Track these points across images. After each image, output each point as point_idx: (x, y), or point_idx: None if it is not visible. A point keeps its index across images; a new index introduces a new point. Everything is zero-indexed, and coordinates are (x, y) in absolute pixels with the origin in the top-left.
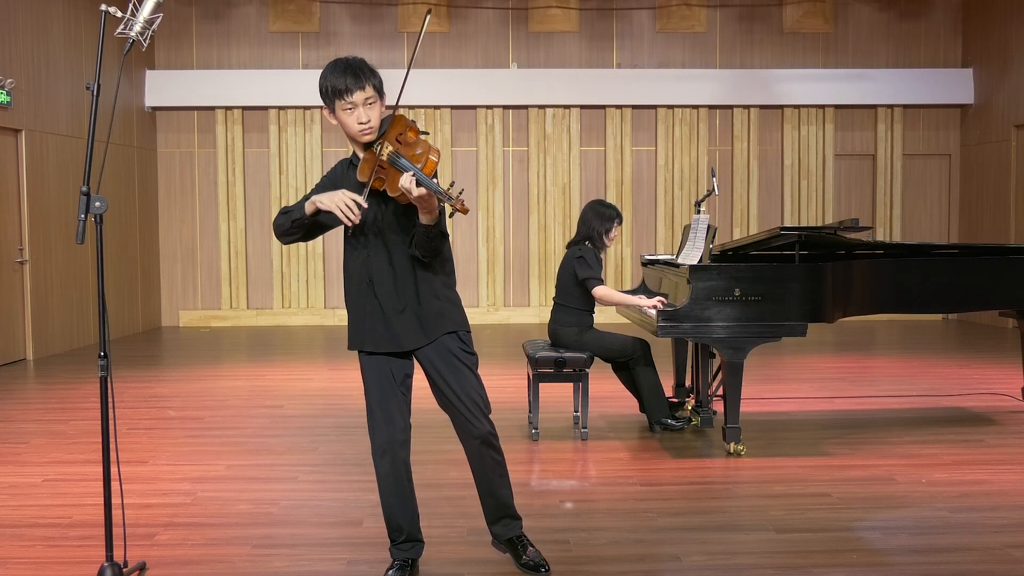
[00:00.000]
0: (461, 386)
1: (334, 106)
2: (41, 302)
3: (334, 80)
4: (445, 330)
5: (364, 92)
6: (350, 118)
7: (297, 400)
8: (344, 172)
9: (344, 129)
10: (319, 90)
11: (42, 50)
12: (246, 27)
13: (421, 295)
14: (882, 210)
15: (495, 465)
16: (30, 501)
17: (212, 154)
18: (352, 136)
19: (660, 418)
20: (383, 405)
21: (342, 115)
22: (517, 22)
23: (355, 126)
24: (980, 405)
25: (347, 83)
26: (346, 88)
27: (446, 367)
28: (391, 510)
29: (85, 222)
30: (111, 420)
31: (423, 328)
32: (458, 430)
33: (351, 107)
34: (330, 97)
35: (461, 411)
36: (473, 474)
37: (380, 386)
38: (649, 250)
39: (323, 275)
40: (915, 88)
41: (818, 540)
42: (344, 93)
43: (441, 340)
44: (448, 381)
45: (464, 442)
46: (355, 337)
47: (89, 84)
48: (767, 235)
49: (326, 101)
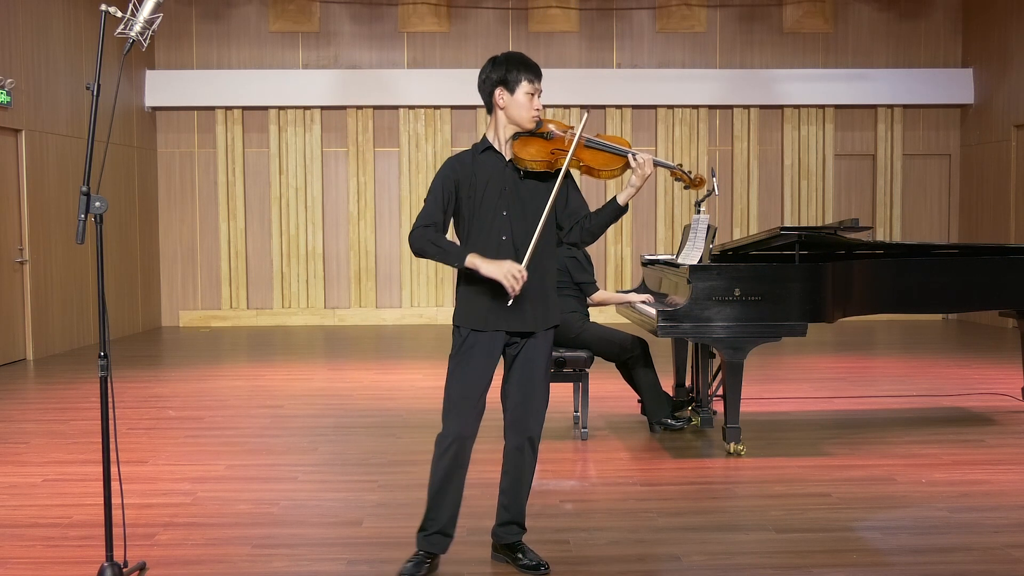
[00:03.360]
0: (540, 380)
1: (516, 88)
2: (41, 302)
3: (525, 67)
4: (555, 322)
5: (540, 86)
6: (531, 101)
7: (297, 400)
8: (475, 158)
9: (513, 111)
10: (499, 72)
11: (42, 50)
12: (246, 27)
13: (547, 284)
14: (882, 210)
15: (530, 468)
16: (30, 501)
17: (212, 154)
18: (520, 120)
19: (660, 418)
20: (478, 395)
21: (523, 98)
22: (517, 22)
23: (532, 111)
24: (980, 405)
25: (536, 73)
26: (536, 75)
27: (540, 359)
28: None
29: (85, 222)
30: (111, 420)
31: (545, 316)
32: (511, 422)
33: (534, 93)
34: (516, 80)
35: (527, 404)
36: (504, 473)
37: (481, 371)
38: (649, 250)
39: (323, 275)
40: (915, 88)
41: (818, 540)
42: (534, 80)
43: (549, 332)
44: (533, 372)
45: (511, 434)
46: (474, 315)
47: (89, 84)
48: (767, 235)
49: (506, 82)
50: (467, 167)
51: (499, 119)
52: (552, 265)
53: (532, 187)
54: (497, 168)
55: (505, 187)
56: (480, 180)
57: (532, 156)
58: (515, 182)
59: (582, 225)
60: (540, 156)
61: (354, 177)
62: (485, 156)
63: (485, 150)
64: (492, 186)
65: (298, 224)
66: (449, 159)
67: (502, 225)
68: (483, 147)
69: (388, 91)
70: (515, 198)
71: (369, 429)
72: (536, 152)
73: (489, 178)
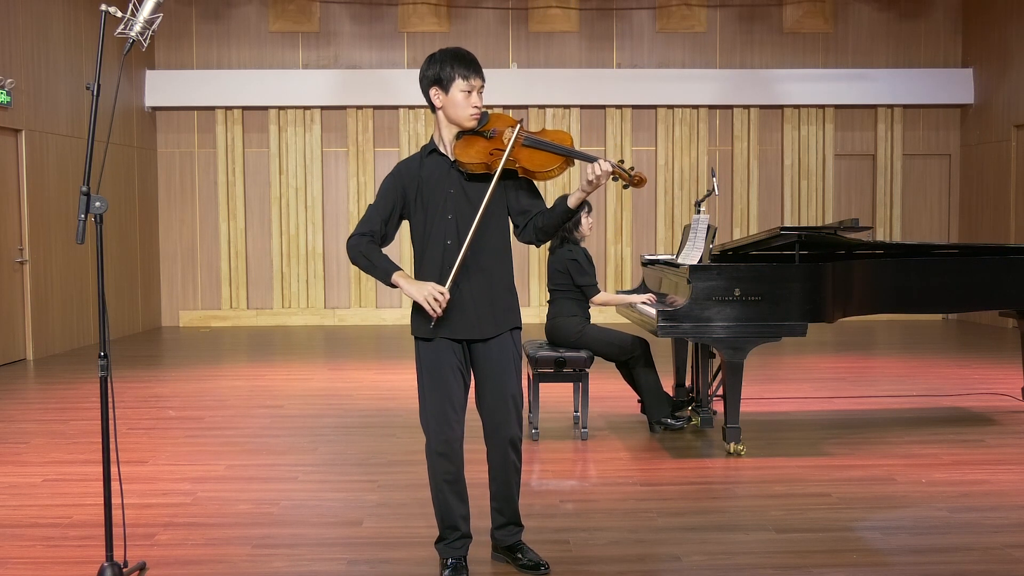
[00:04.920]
0: (507, 385)
1: (450, 87)
2: (41, 302)
3: (459, 63)
4: (511, 325)
5: (480, 81)
6: (467, 100)
7: (297, 400)
8: (422, 162)
9: (451, 111)
10: (434, 70)
11: (42, 50)
12: (246, 27)
13: (496, 288)
14: (882, 210)
15: (515, 471)
16: (30, 501)
17: (212, 154)
18: (458, 119)
19: (660, 418)
20: (452, 399)
21: (458, 95)
22: (517, 22)
23: (469, 109)
24: (980, 405)
25: (472, 69)
26: (472, 71)
27: (501, 363)
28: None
29: (85, 222)
30: (111, 420)
31: (496, 320)
32: (488, 430)
33: (470, 90)
34: (450, 78)
35: (499, 410)
36: (491, 478)
37: (449, 378)
38: (649, 250)
39: (323, 275)
40: (915, 88)
41: (818, 540)
42: (469, 76)
43: (507, 335)
44: (497, 378)
45: (491, 442)
46: (422, 324)
47: (89, 84)
48: (767, 235)
49: (440, 81)
50: (414, 172)
51: (440, 119)
52: (503, 267)
53: (478, 188)
54: (442, 170)
55: (451, 190)
56: (427, 184)
57: (471, 158)
58: (461, 184)
59: (535, 224)
60: (479, 158)
61: (354, 177)
62: (431, 159)
63: (431, 152)
64: (440, 190)
65: (298, 224)
66: (398, 164)
67: (447, 229)
68: (429, 149)
69: (388, 91)
70: (463, 200)
71: (369, 429)
72: (475, 153)
73: (437, 182)
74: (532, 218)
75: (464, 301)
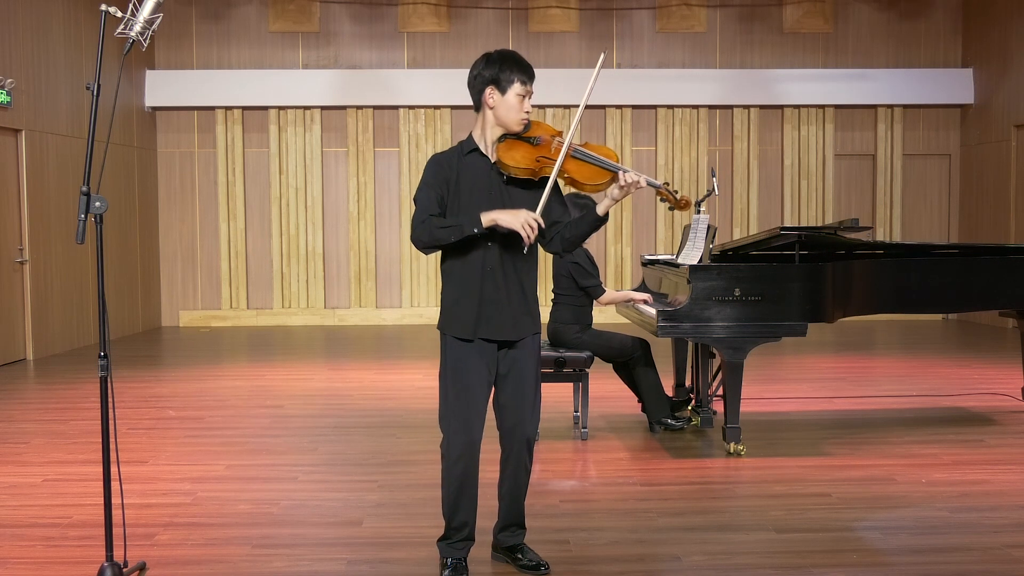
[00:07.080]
0: (529, 385)
1: (508, 89)
2: (41, 302)
3: (519, 67)
4: (536, 329)
5: (532, 88)
6: (522, 104)
7: (297, 400)
8: (460, 159)
9: (503, 113)
10: (492, 70)
11: (42, 50)
12: (246, 27)
13: (527, 293)
14: (882, 210)
15: (525, 472)
16: (30, 501)
17: (212, 154)
18: (508, 123)
19: (660, 418)
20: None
21: (514, 99)
22: (517, 22)
23: (521, 113)
24: (980, 405)
25: (530, 75)
26: (529, 77)
27: (527, 364)
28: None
29: (85, 222)
30: (111, 420)
31: (528, 323)
32: (506, 428)
33: (525, 95)
34: (509, 80)
35: (520, 408)
36: (502, 477)
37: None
38: (649, 250)
39: (323, 275)
40: (915, 88)
41: (818, 540)
42: (527, 81)
43: (533, 338)
44: (521, 378)
45: (507, 440)
46: (458, 323)
47: (89, 84)
48: (767, 235)
49: (498, 81)
50: (453, 168)
51: (487, 119)
52: (533, 274)
53: (516, 194)
54: (483, 171)
55: (492, 191)
56: (464, 182)
57: (517, 162)
58: (501, 186)
59: (562, 235)
60: (525, 163)
61: (354, 177)
62: (471, 158)
63: (471, 151)
64: (478, 189)
65: (298, 224)
66: (434, 157)
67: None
68: (469, 148)
69: (388, 91)
70: (504, 203)
71: (369, 429)
72: (521, 158)
73: (474, 181)
74: (560, 229)
75: (501, 303)
